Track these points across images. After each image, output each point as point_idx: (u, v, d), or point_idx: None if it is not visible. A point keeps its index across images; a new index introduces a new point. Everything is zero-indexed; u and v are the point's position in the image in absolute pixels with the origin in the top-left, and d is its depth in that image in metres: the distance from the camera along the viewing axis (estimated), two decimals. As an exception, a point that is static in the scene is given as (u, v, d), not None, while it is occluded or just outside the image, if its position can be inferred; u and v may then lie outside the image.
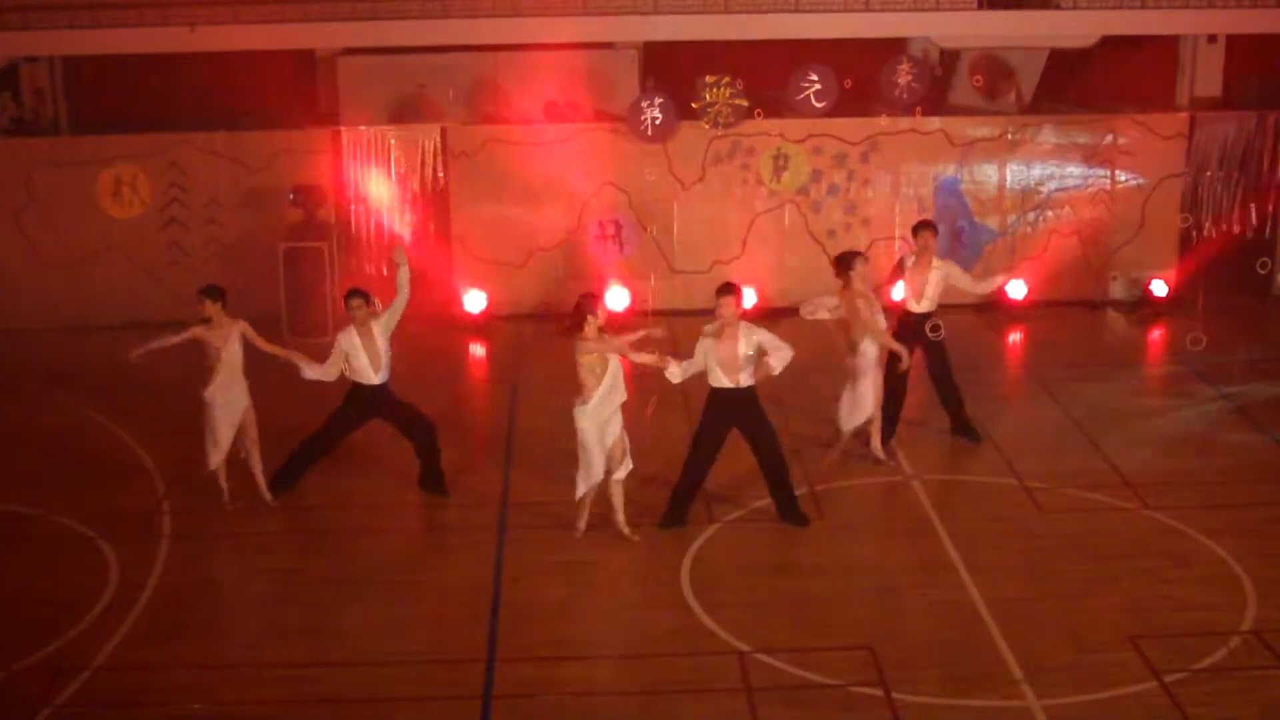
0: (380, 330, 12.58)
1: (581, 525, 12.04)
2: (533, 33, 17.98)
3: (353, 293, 12.68)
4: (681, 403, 14.07)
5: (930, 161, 18.75)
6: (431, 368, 17.03)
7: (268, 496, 12.82)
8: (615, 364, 11.70)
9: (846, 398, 13.44)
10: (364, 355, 12.51)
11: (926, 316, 13.78)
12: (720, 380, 11.87)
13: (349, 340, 12.50)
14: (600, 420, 11.65)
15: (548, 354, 17.53)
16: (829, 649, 10.22)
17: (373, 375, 12.58)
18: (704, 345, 11.83)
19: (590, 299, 11.78)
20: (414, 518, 12.78)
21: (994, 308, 18.63)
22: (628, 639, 10.50)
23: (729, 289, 11.80)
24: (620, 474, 11.90)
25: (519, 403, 15.73)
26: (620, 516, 12.00)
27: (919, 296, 13.81)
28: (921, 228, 13.91)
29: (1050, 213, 18.97)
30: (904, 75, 18.50)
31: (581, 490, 11.92)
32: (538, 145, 18.41)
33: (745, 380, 11.89)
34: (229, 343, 12.51)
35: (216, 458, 12.65)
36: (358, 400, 12.73)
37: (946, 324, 13.99)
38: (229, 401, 12.55)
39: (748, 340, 11.79)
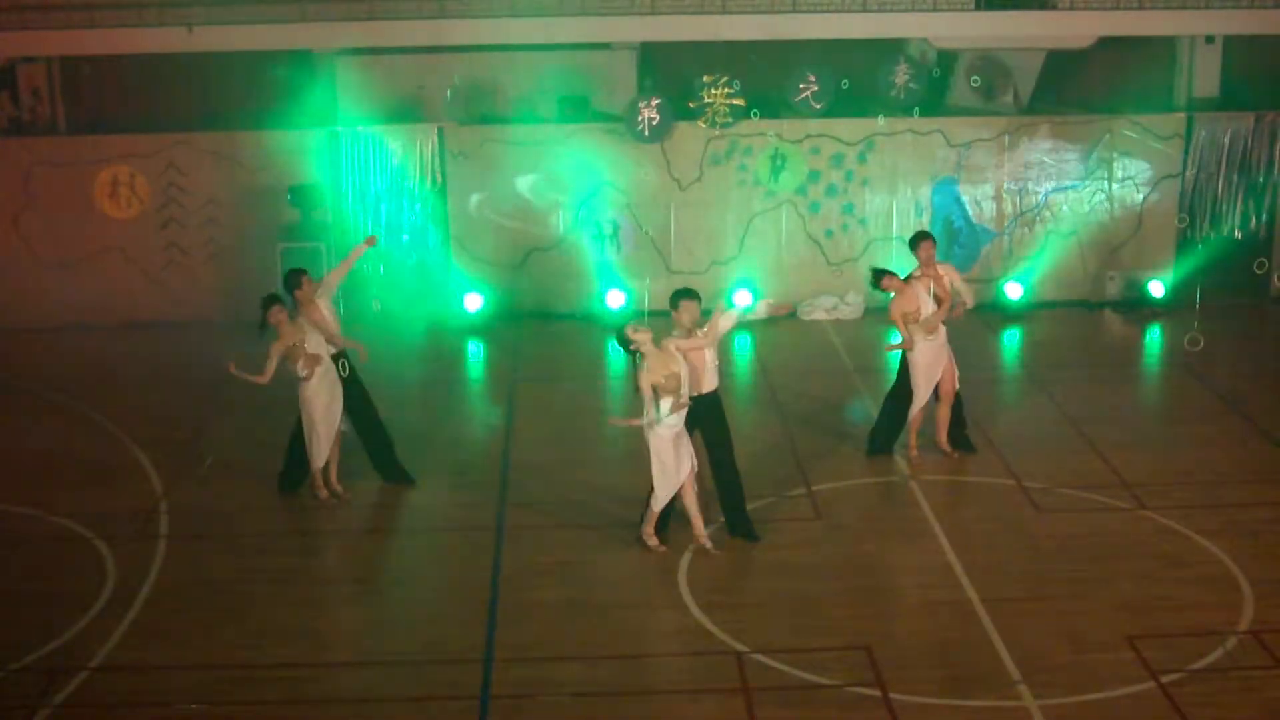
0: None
1: (655, 541, 11.83)
2: (530, 33, 17.99)
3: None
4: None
5: (928, 162, 18.76)
6: (430, 368, 17.04)
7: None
8: (685, 373, 11.41)
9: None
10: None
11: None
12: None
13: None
14: (675, 432, 11.46)
15: (546, 354, 17.58)
16: (827, 649, 10.22)
17: None
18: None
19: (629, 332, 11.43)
20: (413, 518, 12.78)
21: (992, 308, 18.65)
22: (626, 639, 10.48)
23: (691, 294, 11.66)
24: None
25: (517, 403, 15.73)
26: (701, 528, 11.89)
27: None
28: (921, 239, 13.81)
29: (1048, 213, 18.98)
30: (901, 76, 18.51)
31: (659, 504, 11.69)
32: (535, 145, 18.41)
33: (708, 386, 11.74)
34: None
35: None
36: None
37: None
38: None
39: (711, 345, 11.68)
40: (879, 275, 13.44)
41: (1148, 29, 18.68)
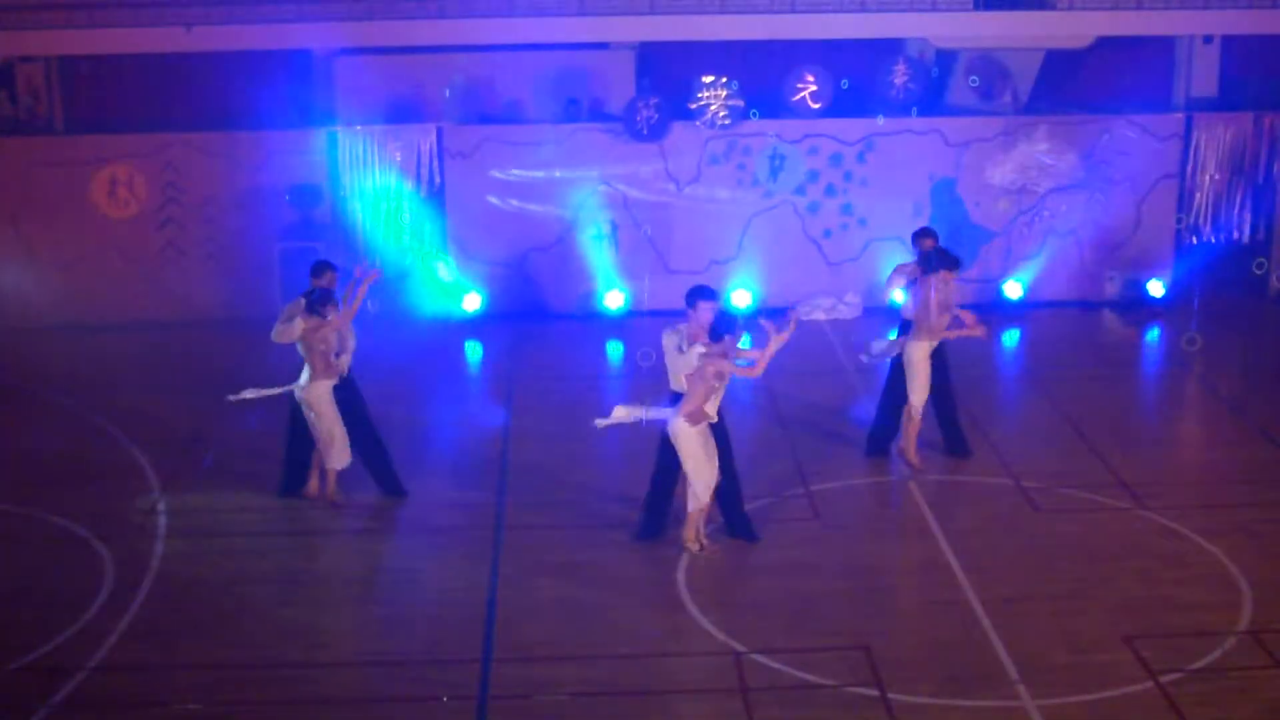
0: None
1: (694, 545, 11.73)
2: (529, 32, 17.99)
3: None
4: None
5: (926, 162, 18.75)
6: (429, 367, 17.03)
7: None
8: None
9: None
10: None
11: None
12: None
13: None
14: (705, 433, 11.43)
15: (544, 353, 17.58)
16: (825, 649, 10.22)
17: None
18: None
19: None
20: (411, 518, 12.76)
21: (991, 308, 18.66)
22: (624, 639, 10.48)
23: (714, 293, 11.65)
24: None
25: (516, 403, 15.72)
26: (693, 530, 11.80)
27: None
28: (924, 235, 13.76)
29: (1046, 213, 18.98)
30: (900, 75, 18.51)
31: (693, 506, 11.60)
32: (534, 145, 18.42)
33: None
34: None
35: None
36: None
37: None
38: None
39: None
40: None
41: (1146, 29, 18.68)
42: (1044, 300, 19.06)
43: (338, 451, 12.55)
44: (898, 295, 13.72)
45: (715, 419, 11.41)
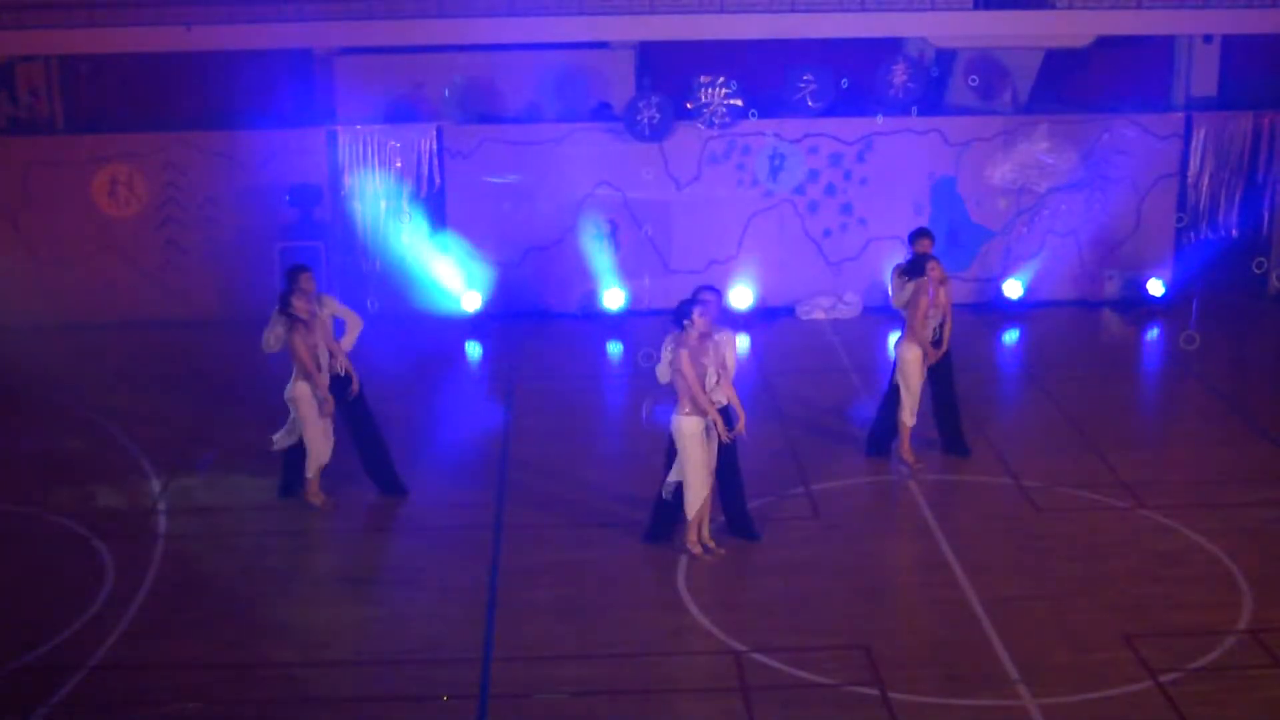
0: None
1: (696, 547, 11.67)
2: (529, 32, 17.98)
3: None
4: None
5: (926, 161, 18.75)
6: (428, 367, 17.03)
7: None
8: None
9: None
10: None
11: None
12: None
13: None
14: (702, 430, 11.34)
15: (546, 354, 17.58)
16: (825, 648, 10.22)
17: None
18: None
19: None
20: (411, 517, 12.76)
21: (990, 308, 18.67)
22: (624, 638, 10.48)
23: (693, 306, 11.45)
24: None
25: (517, 402, 15.72)
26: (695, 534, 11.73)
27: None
28: (920, 235, 13.71)
29: (1046, 213, 18.97)
30: (900, 75, 18.51)
31: (693, 509, 11.50)
32: (534, 144, 18.42)
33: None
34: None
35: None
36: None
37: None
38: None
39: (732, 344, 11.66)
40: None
41: (1146, 28, 18.66)
42: (1043, 299, 19.05)
43: (313, 455, 12.55)
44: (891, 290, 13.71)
45: (723, 403, 11.32)
